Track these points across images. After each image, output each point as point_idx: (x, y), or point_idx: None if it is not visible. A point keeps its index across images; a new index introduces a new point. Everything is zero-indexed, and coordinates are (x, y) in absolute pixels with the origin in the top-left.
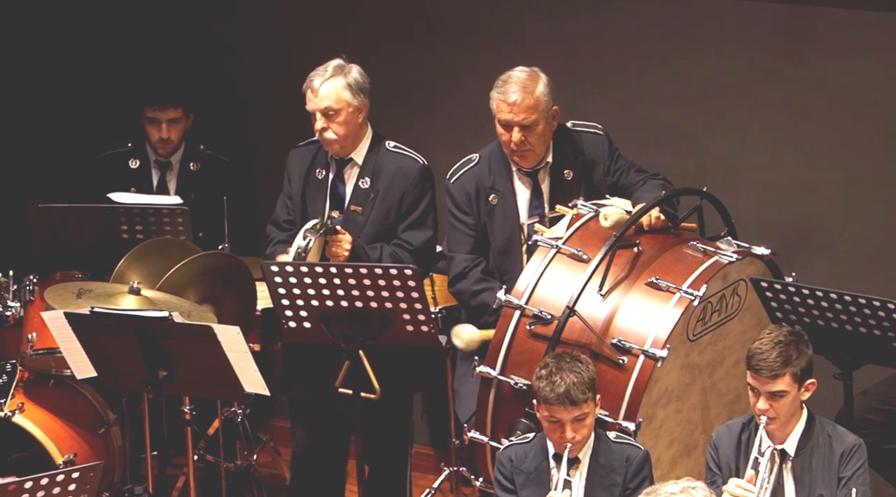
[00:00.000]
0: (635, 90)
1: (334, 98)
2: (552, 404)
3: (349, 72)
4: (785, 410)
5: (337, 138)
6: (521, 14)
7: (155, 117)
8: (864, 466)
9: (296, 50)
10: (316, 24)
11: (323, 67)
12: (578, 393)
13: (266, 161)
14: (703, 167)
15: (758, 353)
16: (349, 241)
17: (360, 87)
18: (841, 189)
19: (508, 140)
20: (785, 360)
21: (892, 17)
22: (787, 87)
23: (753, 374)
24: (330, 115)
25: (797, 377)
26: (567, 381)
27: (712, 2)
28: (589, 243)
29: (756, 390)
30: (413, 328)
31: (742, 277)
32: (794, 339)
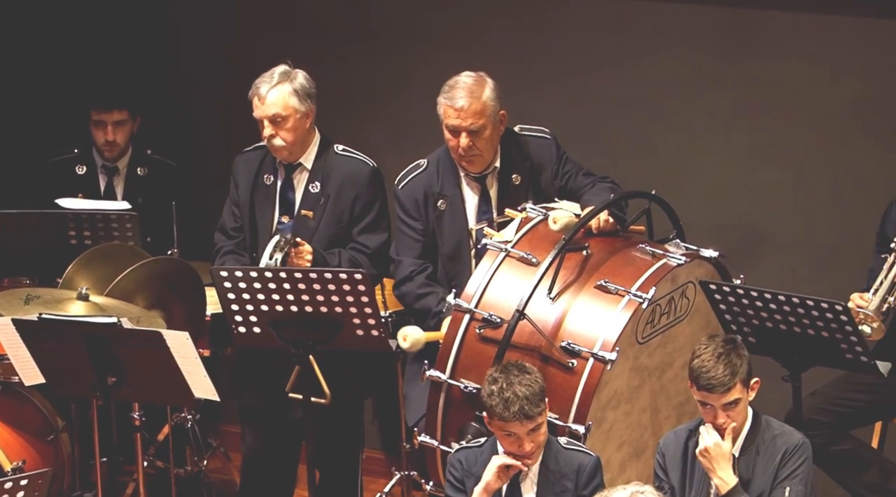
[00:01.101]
0: (582, 94)
1: (281, 105)
2: (507, 421)
3: (295, 78)
4: (742, 415)
5: (285, 145)
6: (467, 18)
7: (100, 120)
8: (803, 465)
9: (244, 54)
10: (264, 29)
11: (269, 74)
12: (532, 407)
13: (216, 165)
14: (651, 170)
15: (704, 371)
16: (310, 252)
17: (306, 92)
18: (787, 190)
19: (456, 145)
20: (732, 370)
21: (831, 19)
22: (732, 90)
23: (706, 393)
24: (278, 122)
25: (745, 382)
26: (520, 395)
27: (657, 6)
28: (538, 247)
29: (710, 406)
30: (363, 333)
31: (691, 280)
32: (732, 347)
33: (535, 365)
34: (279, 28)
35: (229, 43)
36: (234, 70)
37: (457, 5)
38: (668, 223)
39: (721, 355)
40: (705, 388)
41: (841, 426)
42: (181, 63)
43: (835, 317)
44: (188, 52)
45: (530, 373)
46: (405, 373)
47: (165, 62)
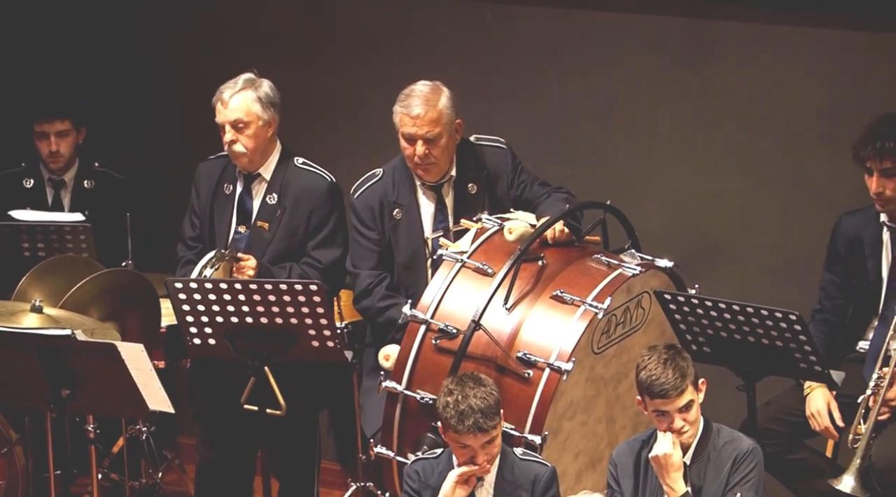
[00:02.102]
0: (538, 104)
1: (244, 110)
2: (461, 434)
3: (260, 86)
4: (696, 417)
5: (246, 151)
6: (424, 30)
7: (43, 131)
8: (754, 471)
9: (203, 66)
10: (222, 41)
11: (233, 80)
12: (486, 421)
13: (172, 178)
14: (607, 180)
15: (654, 379)
16: (252, 268)
17: (270, 101)
18: (742, 200)
19: (412, 154)
20: (682, 373)
21: (787, 30)
22: (689, 100)
23: (661, 401)
24: (239, 128)
25: (694, 383)
26: (475, 407)
27: (615, 17)
28: (494, 257)
29: (666, 414)
30: (318, 344)
31: (646, 290)
32: (675, 352)
33: (490, 375)
34: (237, 40)
35: (188, 55)
36: (192, 82)
37: (414, 17)
38: (624, 233)
39: (667, 361)
40: (659, 395)
41: (795, 436)
42: (139, 75)
43: (789, 326)
44: (147, 65)
45: (486, 385)
46: (361, 384)
47: (124, 74)
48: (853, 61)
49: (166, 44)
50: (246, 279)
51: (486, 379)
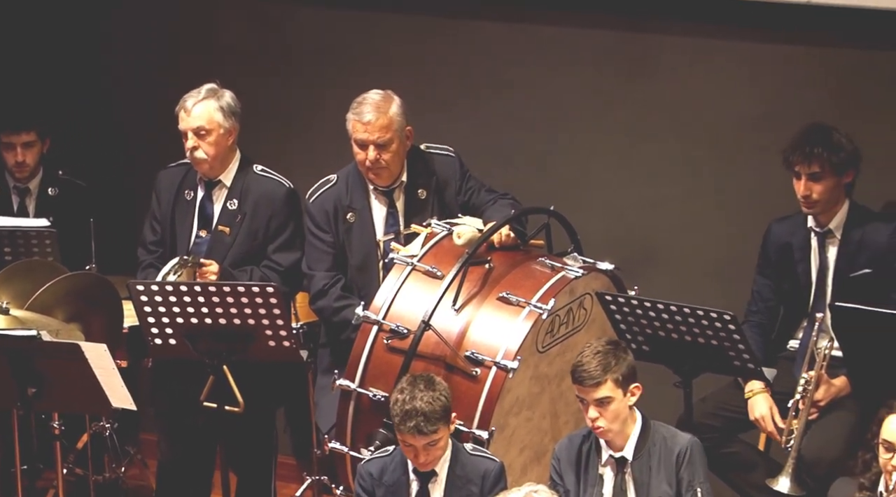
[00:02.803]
0: (485, 114)
1: (206, 118)
2: (403, 433)
3: (222, 95)
4: (614, 417)
5: (207, 158)
6: (377, 42)
7: (9, 142)
8: (702, 464)
9: (163, 77)
10: (182, 52)
11: (196, 90)
12: (428, 425)
13: (135, 184)
14: (551, 187)
15: (579, 365)
16: (215, 272)
17: (231, 110)
18: (679, 206)
19: (364, 159)
20: (604, 367)
21: (721, 44)
22: (628, 111)
23: (579, 387)
24: (201, 135)
25: (619, 382)
26: (419, 410)
27: (559, 29)
28: (443, 260)
29: (585, 401)
30: (275, 344)
31: (588, 291)
32: (612, 348)
33: (440, 374)
34: (197, 52)
35: (149, 66)
36: (153, 92)
37: (365, 31)
38: (567, 237)
39: (599, 352)
40: (577, 380)
41: (730, 430)
42: (102, 85)
43: (723, 326)
44: (109, 75)
45: (436, 390)
46: (316, 381)
47: (86, 84)
48: (784, 74)
49: (129, 56)
50: (205, 282)
51: (440, 383)
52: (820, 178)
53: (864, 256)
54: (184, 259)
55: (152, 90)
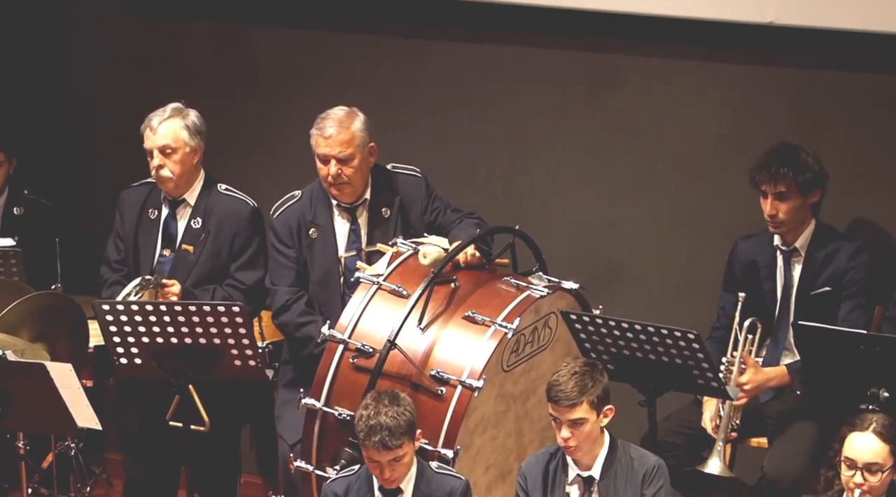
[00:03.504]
0: (451, 133)
1: (172, 137)
2: (368, 448)
3: (187, 114)
4: (586, 437)
5: (172, 176)
6: (342, 61)
7: None
8: (665, 484)
9: (129, 96)
10: (147, 71)
11: (162, 109)
12: (393, 440)
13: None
14: (516, 206)
15: (556, 385)
16: (176, 293)
17: (197, 129)
18: (643, 225)
19: (326, 173)
20: (581, 389)
21: (683, 64)
22: (591, 131)
23: (553, 406)
24: (167, 153)
25: (594, 404)
26: (383, 425)
27: (522, 50)
28: (408, 280)
29: (558, 420)
30: (241, 363)
31: (553, 310)
32: (588, 369)
33: (405, 392)
34: (161, 71)
35: (113, 85)
36: (118, 112)
37: (331, 48)
38: (532, 257)
39: (576, 373)
40: (552, 399)
41: (693, 448)
42: (68, 105)
43: (687, 344)
44: (75, 95)
45: (401, 405)
46: (279, 395)
47: (52, 104)
48: (747, 94)
49: (94, 76)
50: (171, 301)
51: (405, 399)
52: (786, 197)
53: (826, 275)
54: (145, 280)
55: (117, 110)
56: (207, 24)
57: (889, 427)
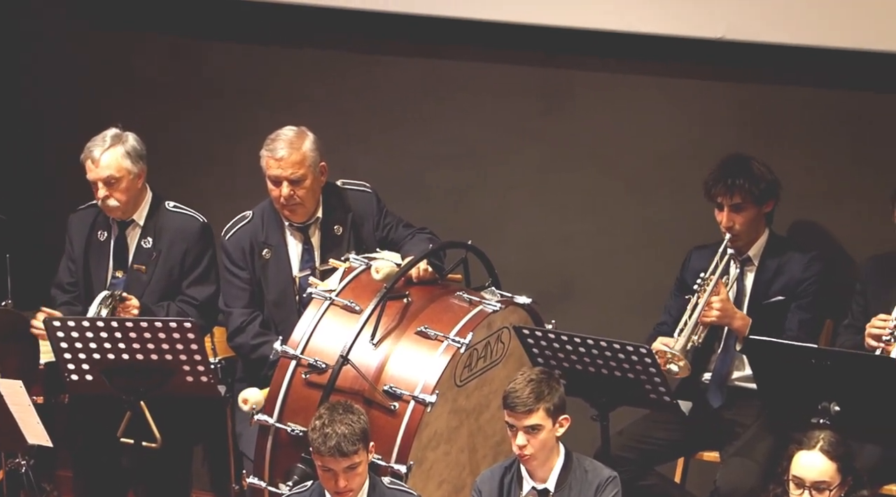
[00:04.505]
0: (402, 149)
1: (115, 167)
2: (324, 456)
3: (126, 140)
4: (541, 445)
5: (119, 205)
6: (292, 78)
7: None
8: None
9: (80, 113)
10: (99, 86)
11: (100, 138)
12: (349, 445)
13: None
14: (469, 221)
15: (512, 391)
16: (136, 307)
17: (138, 154)
18: (595, 240)
19: (279, 195)
20: (537, 395)
21: (634, 79)
22: (543, 146)
23: (510, 412)
24: (112, 184)
25: (550, 412)
26: (338, 432)
27: (473, 66)
28: (361, 295)
29: (514, 427)
30: (193, 379)
31: (505, 325)
32: (545, 378)
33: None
34: (114, 86)
35: (66, 101)
36: (71, 127)
37: (283, 63)
38: (484, 272)
39: (532, 380)
40: (508, 406)
41: (646, 462)
42: (21, 120)
43: (639, 359)
44: (28, 111)
45: (355, 413)
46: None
47: (5, 119)
48: (698, 109)
49: (47, 91)
50: (122, 317)
51: (357, 409)
52: (742, 208)
53: (778, 284)
54: (113, 295)
55: (70, 125)
56: (160, 38)
57: (836, 445)
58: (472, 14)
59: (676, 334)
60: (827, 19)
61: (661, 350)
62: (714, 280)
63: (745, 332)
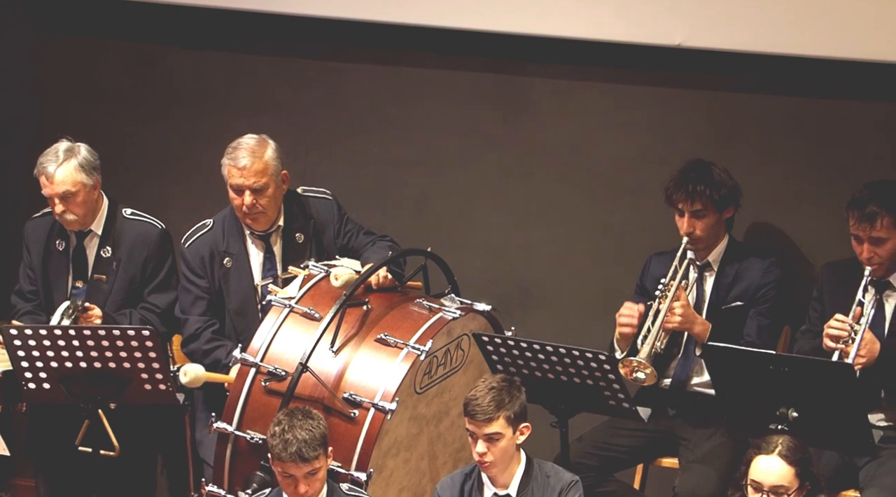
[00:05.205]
0: (362, 156)
1: (70, 182)
2: (285, 462)
3: (79, 152)
4: (502, 453)
5: (77, 218)
6: (253, 85)
7: None
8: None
9: (38, 121)
10: (59, 93)
11: (53, 152)
12: (309, 450)
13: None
14: (428, 228)
15: (473, 399)
16: (99, 316)
17: (91, 165)
18: (555, 246)
19: (240, 204)
20: (498, 403)
21: (594, 86)
22: (503, 153)
23: (470, 420)
24: (68, 199)
25: (511, 420)
26: (298, 438)
27: (434, 71)
28: (321, 302)
29: (474, 435)
30: (151, 387)
31: (465, 332)
32: (506, 385)
33: None
34: (74, 93)
35: (26, 108)
36: (28, 136)
37: (243, 72)
38: (444, 279)
39: (493, 389)
40: (468, 414)
41: (605, 469)
42: None
43: (598, 366)
44: None
45: (314, 419)
46: (197, 420)
47: None
48: (656, 116)
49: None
50: (80, 325)
51: (316, 414)
52: (702, 215)
53: (737, 290)
54: (76, 304)
55: (30, 132)
56: (120, 43)
57: (794, 449)
58: (432, 21)
59: (640, 342)
60: (783, 27)
61: (628, 359)
62: (675, 285)
63: (706, 337)
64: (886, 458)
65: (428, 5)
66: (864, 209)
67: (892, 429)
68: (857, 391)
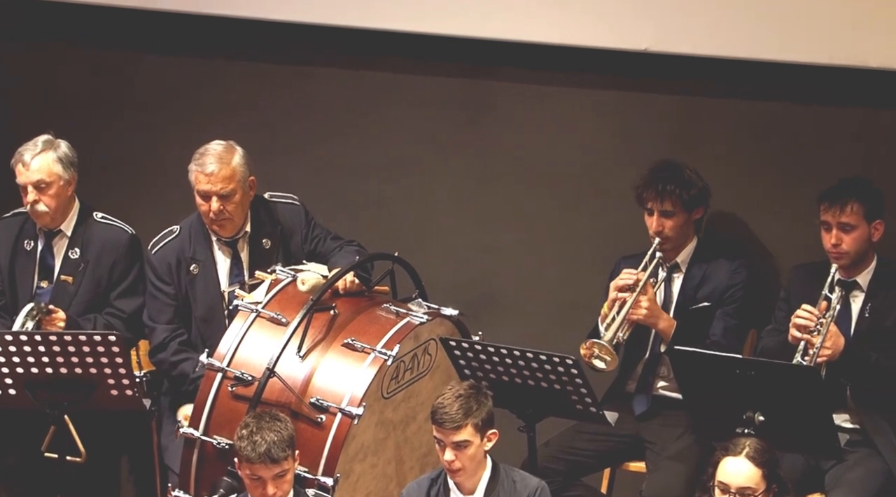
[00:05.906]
0: (329, 162)
1: (46, 171)
2: (254, 463)
3: (59, 146)
4: (470, 460)
5: (48, 210)
6: (220, 90)
7: None
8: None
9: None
10: (22, 101)
11: (32, 142)
12: (279, 451)
13: None
14: (395, 233)
15: (441, 407)
16: (63, 320)
17: (69, 161)
18: (522, 250)
19: (208, 210)
20: (466, 411)
21: (558, 91)
22: (468, 158)
23: (438, 428)
24: (41, 188)
25: (478, 428)
26: (267, 440)
27: (399, 76)
28: (287, 307)
29: (442, 443)
30: (117, 393)
31: (432, 337)
32: (473, 393)
33: None
34: (38, 98)
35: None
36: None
37: (208, 77)
38: (411, 284)
39: (460, 396)
40: (437, 422)
41: (573, 473)
42: None
43: (565, 370)
44: None
45: (281, 421)
46: (163, 426)
47: None
48: (621, 120)
49: None
50: (45, 330)
51: (282, 416)
52: (672, 214)
53: (705, 291)
54: (39, 307)
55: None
56: (85, 50)
57: (762, 451)
58: (398, 26)
59: (604, 328)
60: (750, 32)
61: (590, 341)
62: (643, 280)
63: (670, 334)
64: (852, 461)
65: (394, 10)
66: (836, 195)
67: (857, 432)
68: (823, 394)
